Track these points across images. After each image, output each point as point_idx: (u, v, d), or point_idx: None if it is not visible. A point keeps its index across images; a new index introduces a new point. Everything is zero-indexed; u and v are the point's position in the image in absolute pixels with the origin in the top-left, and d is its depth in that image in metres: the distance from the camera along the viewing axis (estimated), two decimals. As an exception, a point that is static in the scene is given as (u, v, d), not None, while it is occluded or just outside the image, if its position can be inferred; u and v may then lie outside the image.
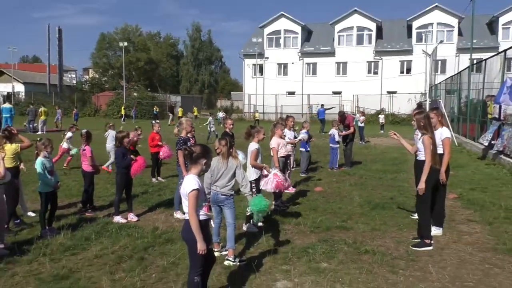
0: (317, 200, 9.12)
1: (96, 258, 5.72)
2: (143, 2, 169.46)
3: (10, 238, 6.39)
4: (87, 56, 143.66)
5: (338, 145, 13.28)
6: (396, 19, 48.89)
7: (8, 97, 53.37)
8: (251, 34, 52.73)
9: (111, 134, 12.42)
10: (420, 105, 17.44)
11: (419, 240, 6.29)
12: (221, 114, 38.13)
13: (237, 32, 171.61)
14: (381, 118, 31.19)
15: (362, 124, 22.61)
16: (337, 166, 13.22)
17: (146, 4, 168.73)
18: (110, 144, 12.23)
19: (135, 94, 52.35)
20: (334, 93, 45.47)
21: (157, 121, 12.46)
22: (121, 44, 53.15)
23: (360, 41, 46.54)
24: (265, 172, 6.91)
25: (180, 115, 40.66)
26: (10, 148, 6.94)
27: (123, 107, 43.11)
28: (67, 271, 5.27)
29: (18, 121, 27.99)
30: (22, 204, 7.76)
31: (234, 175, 5.66)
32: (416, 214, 7.03)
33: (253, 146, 6.96)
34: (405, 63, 45.33)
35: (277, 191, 7.21)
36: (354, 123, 14.36)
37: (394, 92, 44.17)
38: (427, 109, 16.49)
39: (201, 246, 3.97)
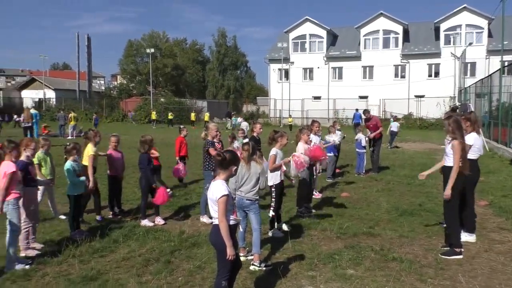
0: (343, 205, 9.02)
1: (124, 261, 5.80)
2: (170, 9, 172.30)
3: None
4: (115, 63, 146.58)
5: (364, 150, 13.12)
6: (423, 22, 48.10)
7: (39, 103, 55.18)
8: (276, 39, 52.78)
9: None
10: (454, 109, 16.96)
11: (449, 248, 6.13)
12: (239, 120, 38.12)
13: (262, 37, 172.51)
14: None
15: (396, 129, 22.40)
16: (363, 171, 13.06)
17: (173, 11, 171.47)
18: None
19: (162, 99, 53.11)
20: (361, 97, 44.99)
21: (183, 126, 12.50)
22: (148, 50, 54.08)
23: (386, 44, 45.99)
24: (284, 168, 6.93)
25: (206, 119, 41.07)
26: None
27: (154, 113, 43.76)
28: (96, 272, 5.36)
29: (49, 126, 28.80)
30: (53, 207, 7.97)
31: (258, 180, 5.65)
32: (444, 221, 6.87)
33: (271, 151, 6.93)
34: (433, 66, 44.49)
35: (301, 170, 7.16)
36: (380, 126, 14.07)
37: (422, 96, 43.38)
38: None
39: (230, 252, 3.98)
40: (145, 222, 7.49)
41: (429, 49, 44.27)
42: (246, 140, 11.26)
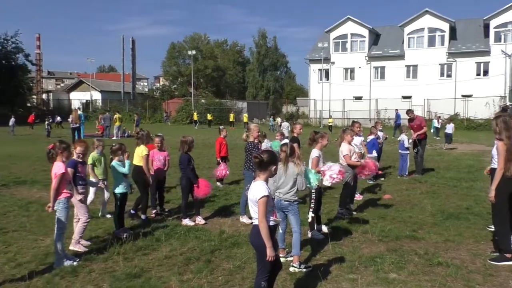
0: (385, 208, 8.82)
1: (166, 259, 5.92)
2: (212, 11, 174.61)
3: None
4: (159, 65, 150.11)
5: (407, 151, 12.79)
6: (472, 19, 46.32)
7: (86, 105, 57.30)
8: (317, 39, 52.37)
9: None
10: (505, 109, 16.24)
11: (498, 254, 5.88)
12: (278, 121, 38.00)
13: (303, 38, 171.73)
14: (436, 122, 29.48)
15: (451, 131, 22.00)
16: (407, 173, 12.73)
17: (215, 13, 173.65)
18: None
19: (203, 100, 53.89)
20: (404, 97, 43.88)
21: (222, 126, 12.59)
22: (190, 52, 55.01)
23: (431, 42, 44.63)
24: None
25: (245, 121, 41.31)
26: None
27: (195, 113, 44.49)
28: (139, 270, 5.50)
29: (91, 127, 29.83)
30: (103, 206, 8.23)
31: (296, 182, 5.61)
32: (492, 226, 6.59)
33: (314, 153, 6.86)
34: (482, 64, 42.75)
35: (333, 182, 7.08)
36: (424, 126, 13.64)
37: (470, 96, 41.79)
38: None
39: (270, 253, 3.98)
40: (186, 222, 7.61)
41: (477, 47, 42.59)
42: (285, 140, 11.23)
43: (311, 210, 6.88)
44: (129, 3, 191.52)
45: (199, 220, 7.74)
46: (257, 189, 4.05)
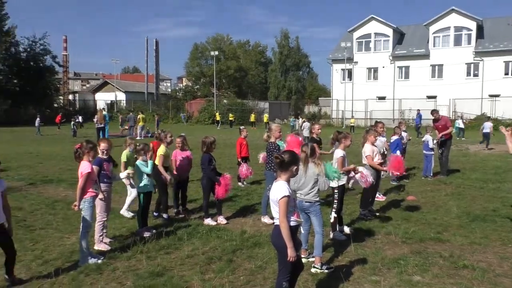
0: (409, 209, 8.69)
1: (188, 258, 5.97)
2: (234, 11, 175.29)
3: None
4: (182, 66, 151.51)
5: (432, 152, 12.56)
6: (500, 17, 45.21)
7: (111, 105, 58.29)
8: (340, 39, 51.98)
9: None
10: None
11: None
12: (300, 121, 37.79)
13: (325, 38, 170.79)
14: (460, 123, 28.82)
15: (488, 130, 21.71)
16: (431, 174, 12.51)
17: (237, 13, 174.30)
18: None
19: (225, 101, 54.13)
20: (429, 97, 43.13)
21: (243, 127, 12.60)
22: (212, 53, 55.33)
23: (458, 41, 43.72)
24: (352, 173, 6.78)
25: (265, 121, 41.30)
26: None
27: (218, 114, 44.71)
28: (162, 268, 5.56)
29: (116, 127, 30.30)
30: (128, 204, 8.34)
31: (316, 182, 5.57)
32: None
33: (338, 153, 6.81)
34: (510, 64, 41.67)
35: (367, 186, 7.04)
36: (450, 126, 13.38)
37: (497, 96, 40.79)
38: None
39: (291, 253, 3.97)
40: (208, 221, 7.66)
41: (506, 45, 41.48)
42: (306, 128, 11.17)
43: (333, 210, 6.83)
44: (154, 5, 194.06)
45: (221, 219, 7.77)
46: (278, 189, 4.05)
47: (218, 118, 44.00)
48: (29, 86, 50.64)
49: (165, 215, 8.09)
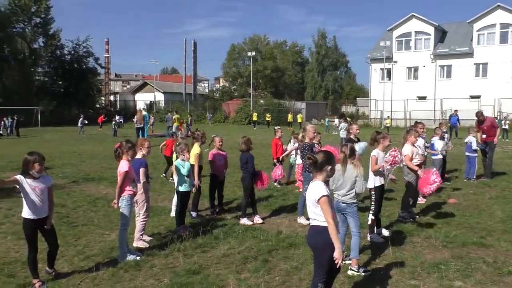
0: (450, 212, 8.42)
1: (224, 257, 6.01)
2: (271, 12, 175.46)
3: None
4: (219, 66, 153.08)
5: (475, 154, 12.10)
6: (549, 13, 43.08)
7: (150, 106, 59.59)
8: (379, 37, 51.07)
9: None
10: None
11: None
12: (335, 122, 37.30)
13: (364, 37, 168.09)
14: (505, 123, 27.47)
15: None
16: (474, 176, 12.06)
17: (275, 14, 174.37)
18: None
19: (261, 101, 54.25)
20: (472, 97, 41.63)
21: (278, 127, 12.53)
22: (249, 53, 55.58)
23: (504, 39, 41.91)
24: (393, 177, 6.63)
25: (299, 121, 41.10)
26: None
27: (255, 114, 44.89)
28: (198, 267, 5.62)
29: (158, 128, 30.93)
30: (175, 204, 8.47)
31: (354, 183, 5.48)
32: None
33: (373, 152, 6.69)
34: (560, 61, 39.63)
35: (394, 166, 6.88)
36: (497, 127, 12.83)
37: (546, 95, 38.89)
38: None
39: (338, 255, 3.86)
40: (244, 221, 7.69)
41: (555, 42, 39.53)
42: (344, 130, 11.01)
43: (371, 212, 6.71)
44: (192, 6, 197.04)
45: (257, 219, 7.79)
46: (316, 190, 4.01)
47: (255, 118, 44.12)
48: (72, 87, 52.55)
49: (193, 214, 8.16)
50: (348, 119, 36.86)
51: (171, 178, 11.54)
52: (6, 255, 6.06)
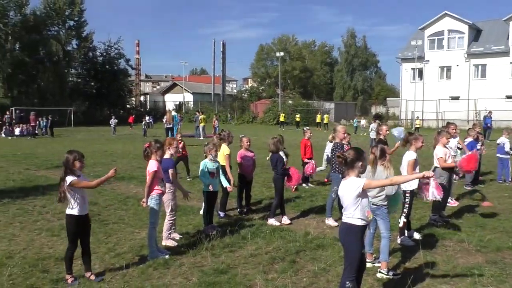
0: (484, 216, 8.16)
1: (251, 257, 6.01)
2: (301, 12, 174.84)
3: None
4: (247, 67, 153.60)
5: (508, 156, 11.69)
6: None
7: (179, 106, 60.33)
8: (410, 37, 50.09)
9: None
10: None
11: None
12: (362, 122, 36.73)
13: (395, 36, 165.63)
14: None
15: None
16: (510, 179, 11.67)
17: (304, 14, 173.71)
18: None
19: (290, 101, 54.09)
20: (508, 97, 40.29)
21: (308, 127, 12.47)
22: (278, 54, 55.49)
23: (542, 37, 40.46)
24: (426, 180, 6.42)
25: (325, 122, 40.75)
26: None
27: (282, 115, 44.82)
28: (226, 266, 5.64)
29: (187, 128, 31.27)
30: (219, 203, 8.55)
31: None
32: None
33: (410, 155, 6.51)
34: None
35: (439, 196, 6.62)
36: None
37: None
38: None
39: (422, 175, 4.38)
40: (272, 221, 7.67)
41: None
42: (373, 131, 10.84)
43: (403, 215, 6.58)
44: (220, 8, 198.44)
45: (285, 220, 7.76)
46: (352, 183, 4.06)
47: (282, 119, 44.02)
48: (104, 88, 53.74)
49: (221, 213, 8.20)
50: (377, 120, 36.38)
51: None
52: (40, 251, 6.24)
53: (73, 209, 5.11)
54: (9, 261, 5.77)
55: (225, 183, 7.62)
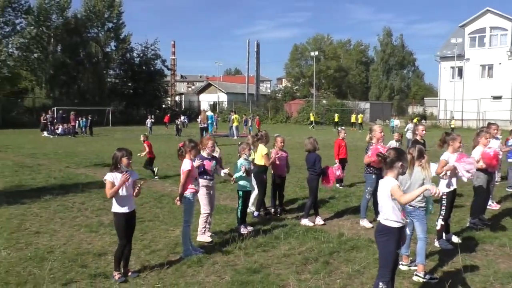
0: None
1: (284, 257, 5.99)
2: (336, 11, 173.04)
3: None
4: (281, 67, 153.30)
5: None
6: None
7: (214, 106, 60.92)
8: (449, 34, 48.74)
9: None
10: None
11: None
12: (395, 122, 35.92)
13: (433, 34, 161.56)
14: None
15: None
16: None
17: (339, 13, 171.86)
18: None
19: (324, 101, 53.66)
20: (553, 96, 38.62)
21: (343, 127, 12.31)
22: (312, 53, 55.14)
23: None
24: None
25: (360, 122, 40.14)
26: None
27: (312, 114, 44.57)
28: (259, 265, 5.65)
29: (221, 127, 31.55)
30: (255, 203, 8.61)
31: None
32: None
33: (443, 156, 6.32)
34: None
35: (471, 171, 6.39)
36: None
37: None
38: None
39: (433, 189, 4.04)
40: (305, 222, 7.62)
41: None
42: (393, 144, 10.58)
43: (440, 217, 6.40)
44: (254, 8, 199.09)
45: (318, 220, 7.69)
46: (388, 183, 4.02)
47: (312, 118, 43.65)
48: (141, 88, 54.88)
49: (255, 213, 8.20)
50: (413, 120, 35.57)
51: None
52: (79, 247, 6.43)
53: (116, 207, 5.24)
54: (50, 256, 5.98)
55: (243, 187, 7.31)
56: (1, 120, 36.72)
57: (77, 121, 32.96)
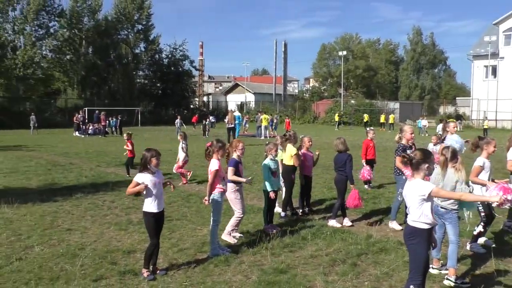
0: None
1: (311, 258, 5.95)
2: (364, 10, 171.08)
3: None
4: (309, 67, 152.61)
5: None
6: None
7: (241, 106, 61.14)
8: (483, 32, 47.40)
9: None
10: None
11: None
12: (423, 123, 35.09)
13: (466, 32, 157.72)
14: None
15: None
16: None
17: (367, 12, 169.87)
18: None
19: (352, 101, 53.08)
20: None
21: (372, 128, 12.14)
22: (340, 53, 54.65)
23: None
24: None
25: (391, 122, 39.45)
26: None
27: (337, 115, 44.19)
28: (285, 266, 5.62)
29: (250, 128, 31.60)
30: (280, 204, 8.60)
31: (455, 189, 5.09)
32: None
33: (478, 161, 6.04)
34: None
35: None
36: None
37: None
38: None
39: (493, 198, 4.05)
40: (333, 223, 7.54)
41: None
42: (431, 147, 10.34)
43: (481, 224, 6.21)
44: (282, 8, 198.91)
45: (346, 222, 7.60)
46: (419, 186, 3.94)
47: (336, 118, 43.27)
48: (169, 89, 55.60)
49: (282, 213, 8.17)
50: (447, 119, 34.64)
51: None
52: (109, 244, 6.56)
53: (146, 207, 5.33)
54: (81, 252, 6.12)
55: (269, 188, 7.23)
56: (40, 121, 37.29)
57: (107, 121, 33.66)
